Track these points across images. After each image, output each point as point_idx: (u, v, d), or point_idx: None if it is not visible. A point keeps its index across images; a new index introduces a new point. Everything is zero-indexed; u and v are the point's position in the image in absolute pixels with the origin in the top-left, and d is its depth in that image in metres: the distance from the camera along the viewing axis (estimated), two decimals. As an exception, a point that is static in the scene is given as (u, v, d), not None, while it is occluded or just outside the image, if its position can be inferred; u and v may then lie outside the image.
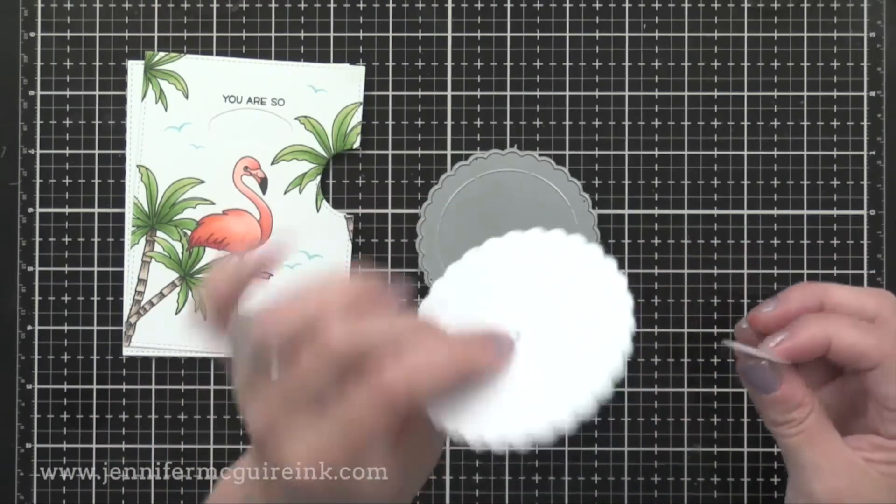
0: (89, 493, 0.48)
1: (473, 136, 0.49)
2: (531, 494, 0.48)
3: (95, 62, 0.49)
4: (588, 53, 0.49)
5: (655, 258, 0.48)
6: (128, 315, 0.48)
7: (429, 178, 0.49)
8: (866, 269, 0.48)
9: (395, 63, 0.49)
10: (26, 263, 0.49)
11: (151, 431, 0.48)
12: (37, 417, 0.48)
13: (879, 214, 0.48)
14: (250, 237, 0.48)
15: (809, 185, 0.49)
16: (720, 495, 0.48)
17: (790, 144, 0.49)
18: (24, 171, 0.49)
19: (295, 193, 0.48)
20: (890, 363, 0.33)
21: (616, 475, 0.48)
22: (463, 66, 0.49)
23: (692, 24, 0.49)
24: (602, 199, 0.48)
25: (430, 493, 0.48)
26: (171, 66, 0.48)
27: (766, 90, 0.49)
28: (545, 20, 0.49)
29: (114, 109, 0.49)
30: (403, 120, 0.49)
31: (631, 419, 0.48)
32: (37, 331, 0.49)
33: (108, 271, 0.49)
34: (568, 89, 0.49)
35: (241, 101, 0.48)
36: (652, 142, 0.49)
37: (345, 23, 0.49)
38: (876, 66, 0.49)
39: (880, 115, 0.48)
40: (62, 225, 0.49)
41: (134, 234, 0.48)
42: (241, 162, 0.48)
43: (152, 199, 0.48)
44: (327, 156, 0.48)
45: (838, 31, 0.49)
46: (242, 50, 0.49)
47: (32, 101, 0.49)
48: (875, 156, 0.49)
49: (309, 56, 0.49)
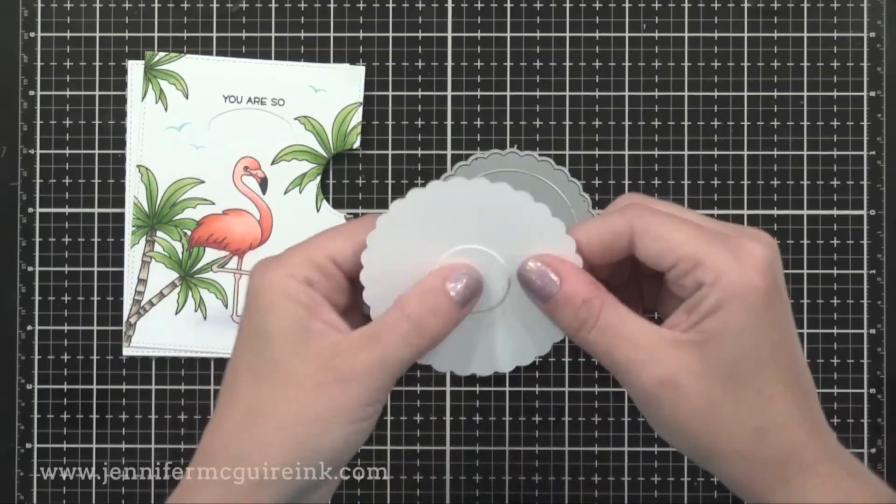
0: (89, 493, 0.48)
1: (473, 136, 0.49)
2: (531, 494, 0.48)
3: (95, 62, 0.49)
4: (588, 53, 0.49)
5: (655, 258, 0.48)
6: (128, 315, 0.48)
7: (429, 178, 0.49)
8: (866, 269, 0.48)
9: (395, 63, 0.49)
10: (26, 263, 0.49)
11: (151, 431, 0.48)
12: (37, 417, 0.48)
13: (879, 214, 0.48)
14: (250, 237, 0.48)
15: (809, 185, 0.49)
16: (720, 495, 0.48)
17: (790, 144, 0.49)
18: (24, 171, 0.49)
19: (295, 193, 0.48)
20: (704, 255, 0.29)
21: (616, 475, 0.48)
22: (463, 66, 0.49)
23: (692, 24, 0.49)
24: (602, 199, 0.48)
25: (430, 493, 0.48)
26: (171, 66, 0.48)
27: (766, 90, 0.49)
28: (545, 20, 0.49)
29: (114, 109, 0.49)
30: (403, 120, 0.49)
31: (631, 419, 0.48)
32: (37, 331, 0.49)
33: (108, 271, 0.49)
34: (568, 89, 0.49)
35: (241, 101, 0.48)
36: (652, 142, 0.49)
37: (345, 23, 0.49)
38: (876, 66, 0.49)
39: (880, 115, 0.49)
40: (62, 225, 0.49)
41: (134, 234, 0.48)
42: (241, 162, 0.48)
43: (152, 199, 0.48)
44: (327, 156, 0.48)
45: (838, 31, 0.49)
46: (242, 50, 0.49)
47: (32, 101, 0.49)
48: (875, 156, 0.49)
49: (309, 56, 0.49)
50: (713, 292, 0.29)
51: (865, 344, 0.48)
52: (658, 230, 0.30)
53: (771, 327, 0.30)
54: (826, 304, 0.48)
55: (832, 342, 0.48)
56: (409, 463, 0.48)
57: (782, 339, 0.30)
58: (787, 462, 0.30)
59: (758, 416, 0.30)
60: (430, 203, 0.32)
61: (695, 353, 0.29)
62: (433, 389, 0.49)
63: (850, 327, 0.48)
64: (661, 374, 0.29)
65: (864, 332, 0.48)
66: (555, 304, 0.31)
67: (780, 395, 0.30)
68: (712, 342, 0.29)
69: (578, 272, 0.31)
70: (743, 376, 0.29)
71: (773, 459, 0.30)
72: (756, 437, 0.30)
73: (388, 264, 0.31)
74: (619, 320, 0.30)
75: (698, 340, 0.29)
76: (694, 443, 0.30)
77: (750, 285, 0.29)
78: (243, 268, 0.48)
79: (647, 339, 0.30)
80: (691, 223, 0.31)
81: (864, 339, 0.48)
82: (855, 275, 0.48)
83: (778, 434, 0.30)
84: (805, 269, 0.48)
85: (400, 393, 0.49)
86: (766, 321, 0.29)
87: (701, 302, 0.29)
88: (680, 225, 0.30)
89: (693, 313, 0.30)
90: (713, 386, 0.29)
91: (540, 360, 0.48)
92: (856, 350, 0.48)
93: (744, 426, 0.30)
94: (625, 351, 0.30)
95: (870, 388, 0.48)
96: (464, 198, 0.32)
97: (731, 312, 0.29)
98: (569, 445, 0.49)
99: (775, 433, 0.30)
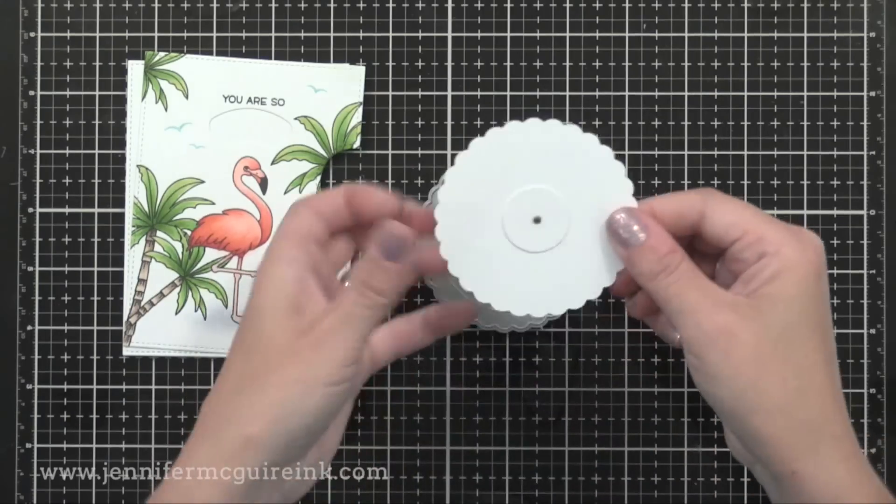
0: (89, 493, 0.48)
1: (473, 136, 0.49)
2: (531, 494, 0.48)
3: (95, 62, 0.49)
4: (588, 53, 0.49)
5: (655, 258, 0.48)
6: (128, 315, 0.48)
7: (429, 178, 0.49)
8: (866, 269, 0.48)
9: (395, 63, 0.49)
10: (26, 263, 0.49)
11: (151, 431, 0.48)
12: (37, 417, 0.48)
13: (879, 214, 0.48)
14: (250, 237, 0.48)
15: (809, 185, 0.49)
16: (720, 495, 0.48)
17: (790, 144, 0.49)
18: (24, 171, 0.49)
19: (295, 193, 0.48)
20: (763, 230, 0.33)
21: (616, 475, 0.48)
22: (463, 66, 0.49)
23: (692, 24, 0.49)
24: (602, 199, 0.48)
25: (430, 493, 0.48)
26: (171, 66, 0.48)
27: (766, 90, 0.49)
28: (545, 20, 0.49)
29: (114, 109, 0.49)
30: (403, 120, 0.49)
31: (631, 419, 0.48)
32: (37, 331, 0.49)
33: (108, 271, 0.49)
34: (568, 89, 0.49)
35: (241, 101, 0.48)
36: (652, 142, 0.49)
37: (345, 23, 0.49)
38: (876, 66, 0.49)
39: (880, 115, 0.49)
40: (62, 225, 0.49)
41: (134, 234, 0.48)
42: (241, 162, 0.48)
43: (152, 199, 0.48)
44: (327, 156, 0.48)
45: (838, 31, 0.49)
46: (242, 50, 0.49)
47: (32, 101, 0.49)
48: (875, 156, 0.49)
49: (309, 56, 0.49)
50: (774, 262, 0.33)
51: (865, 344, 0.48)
52: (728, 206, 0.34)
53: (820, 302, 0.34)
54: (826, 304, 0.48)
55: (832, 342, 0.48)
56: (409, 463, 0.48)
57: (826, 317, 0.34)
58: (821, 429, 0.33)
59: (802, 378, 0.33)
60: (505, 143, 0.34)
61: (751, 312, 0.33)
62: (433, 389, 0.49)
63: (850, 327, 0.48)
64: (722, 321, 0.32)
65: (864, 332, 0.48)
66: (640, 251, 0.34)
67: (822, 366, 0.33)
68: (768, 305, 0.33)
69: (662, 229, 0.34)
70: (792, 339, 0.33)
71: (810, 421, 0.32)
72: (798, 396, 0.33)
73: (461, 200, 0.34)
74: (693, 273, 0.34)
75: (755, 303, 0.33)
76: (739, 392, 0.33)
77: (807, 260, 0.33)
78: (243, 268, 0.48)
79: (714, 293, 0.33)
80: (756, 209, 0.35)
81: (864, 339, 0.48)
82: (855, 275, 0.48)
83: (817, 398, 0.33)
84: (805, 269, 0.48)
85: (400, 393, 0.49)
86: (816, 296, 0.33)
87: (761, 270, 0.33)
88: (747, 206, 0.35)
89: (752, 281, 0.33)
90: (764, 342, 0.32)
91: (540, 361, 0.48)
92: (856, 350, 0.48)
93: (788, 383, 0.32)
94: (695, 296, 0.33)
95: (870, 388, 0.48)
96: (535, 139, 0.34)
97: (789, 281, 0.33)
98: (569, 445, 0.48)
99: (815, 397, 0.33)
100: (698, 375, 0.34)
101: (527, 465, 0.48)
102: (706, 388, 0.34)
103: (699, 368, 0.33)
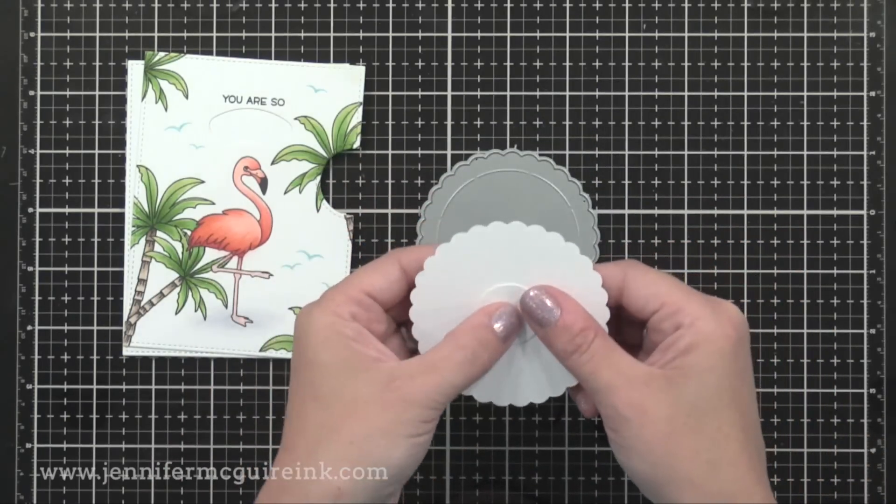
0: (89, 493, 0.48)
1: (473, 136, 0.49)
2: (531, 494, 0.48)
3: (95, 62, 0.49)
4: (588, 53, 0.49)
5: (655, 258, 0.48)
6: (128, 315, 0.48)
7: (429, 178, 0.49)
8: (866, 269, 0.48)
9: (395, 63, 0.49)
10: (26, 263, 0.49)
11: (151, 431, 0.48)
12: (37, 417, 0.48)
13: (879, 214, 0.48)
14: (250, 237, 0.48)
15: (809, 185, 0.49)
16: (720, 495, 0.48)
17: (790, 144, 0.49)
18: (24, 171, 0.49)
19: (295, 193, 0.48)
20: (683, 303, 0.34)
21: (616, 475, 0.48)
22: (463, 66, 0.49)
23: (692, 24, 0.49)
24: (602, 199, 0.48)
25: (430, 493, 0.48)
26: (171, 66, 0.48)
27: (766, 90, 0.49)
28: (545, 20, 0.49)
29: (114, 109, 0.49)
30: (403, 120, 0.49)
31: (631, 419, 0.48)
32: (37, 331, 0.49)
33: (108, 271, 0.49)
34: (568, 89, 0.49)
35: (241, 101, 0.48)
36: (652, 142, 0.49)
37: (345, 23, 0.49)
38: (876, 66, 0.49)
39: (880, 115, 0.49)
40: (62, 225, 0.49)
41: (134, 234, 0.48)
42: (241, 162, 0.48)
43: (152, 199, 0.48)
44: (327, 156, 0.48)
45: (838, 31, 0.49)
46: (242, 50, 0.49)
47: (32, 101, 0.49)
48: (875, 156, 0.49)
49: (309, 56, 0.49)
50: (688, 334, 0.33)
51: (865, 344, 0.48)
52: (648, 278, 0.35)
53: (735, 376, 0.34)
54: (826, 304, 0.48)
55: (832, 342, 0.48)
56: (409, 463, 0.48)
57: (743, 391, 0.34)
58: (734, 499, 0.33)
59: (713, 450, 0.33)
60: (471, 245, 0.35)
61: (665, 385, 0.33)
62: (433, 389, 0.49)
63: (850, 327, 0.48)
64: (635, 397, 0.33)
65: (864, 332, 0.48)
66: (554, 330, 0.34)
67: (735, 438, 0.33)
68: (681, 378, 0.33)
69: (576, 304, 0.35)
70: (705, 412, 0.33)
71: (721, 493, 0.33)
72: (709, 469, 0.33)
73: (434, 302, 0.35)
74: (607, 350, 0.34)
75: (669, 375, 0.33)
76: (652, 465, 0.33)
77: (721, 333, 0.33)
78: (243, 268, 0.48)
79: (627, 368, 0.34)
80: (676, 280, 0.35)
81: (864, 339, 0.48)
82: (855, 275, 0.48)
83: (729, 471, 0.33)
84: (805, 269, 0.48)
85: (400, 393, 0.49)
86: (731, 369, 0.33)
87: (676, 342, 0.33)
88: (666, 277, 0.35)
89: (668, 351, 0.34)
90: (677, 415, 0.33)
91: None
92: (856, 350, 0.48)
93: (699, 456, 0.33)
94: (607, 374, 0.34)
95: (870, 388, 0.48)
96: (501, 239, 0.35)
97: (702, 354, 0.33)
98: (569, 445, 0.49)
99: (727, 469, 0.33)
100: (615, 447, 0.34)
101: (527, 465, 0.48)
102: (623, 461, 0.34)
103: (615, 441, 0.34)
